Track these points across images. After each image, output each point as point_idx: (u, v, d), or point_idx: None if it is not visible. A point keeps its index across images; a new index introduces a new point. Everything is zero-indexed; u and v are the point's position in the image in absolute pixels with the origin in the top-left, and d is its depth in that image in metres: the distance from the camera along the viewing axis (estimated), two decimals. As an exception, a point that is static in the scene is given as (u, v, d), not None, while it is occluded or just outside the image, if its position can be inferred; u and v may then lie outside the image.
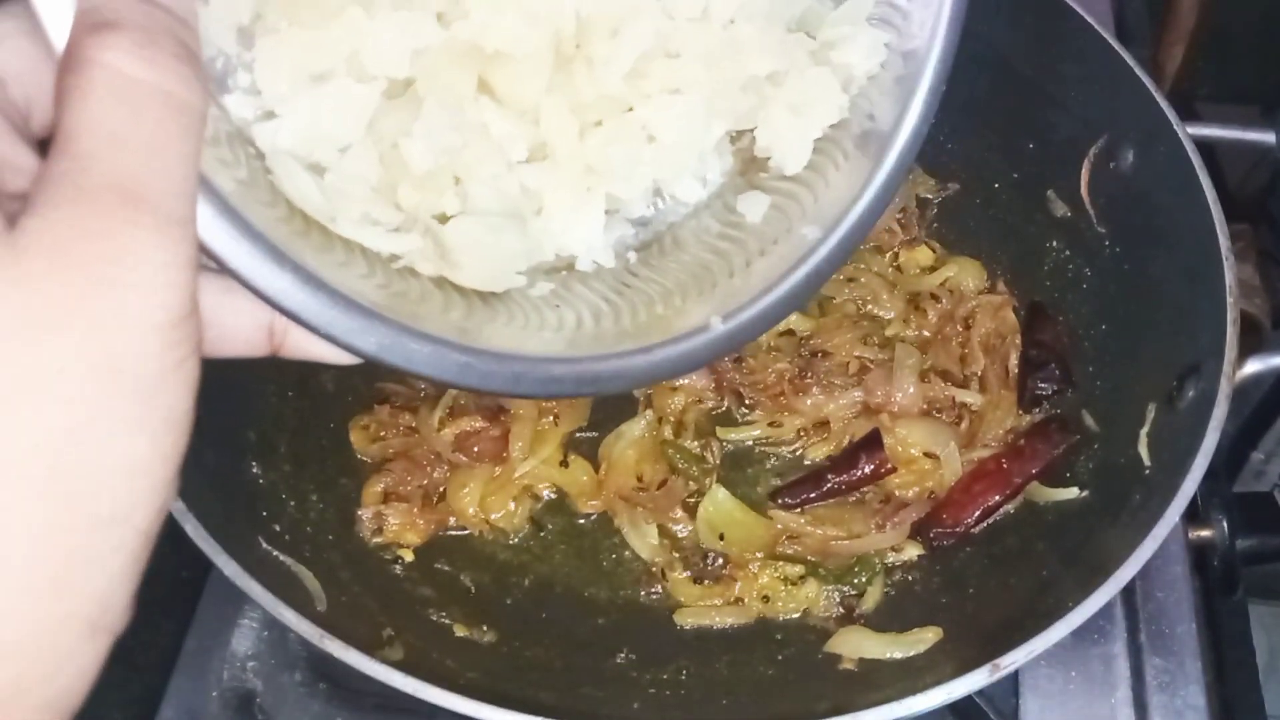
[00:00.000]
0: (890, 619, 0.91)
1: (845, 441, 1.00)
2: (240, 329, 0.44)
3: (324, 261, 0.46)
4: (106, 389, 0.35)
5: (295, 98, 0.47)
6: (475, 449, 0.98)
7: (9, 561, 0.34)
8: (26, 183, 0.38)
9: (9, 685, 0.35)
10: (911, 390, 1.01)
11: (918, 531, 0.96)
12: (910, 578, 0.95)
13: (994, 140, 1.09)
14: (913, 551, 0.96)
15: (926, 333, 1.06)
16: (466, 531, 0.97)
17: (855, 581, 0.94)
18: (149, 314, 0.36)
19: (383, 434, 1.00)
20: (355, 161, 0.49)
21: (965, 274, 1.09)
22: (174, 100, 0.38)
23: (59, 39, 0.39)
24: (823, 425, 1.02)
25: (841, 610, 0.93)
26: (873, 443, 0.98)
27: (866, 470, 0.97)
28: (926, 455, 0.99)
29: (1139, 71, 0.94)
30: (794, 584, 0.94)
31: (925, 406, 1.01)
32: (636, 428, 1.00)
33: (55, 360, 0.34)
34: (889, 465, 0.97)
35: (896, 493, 0.98)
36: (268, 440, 0.92)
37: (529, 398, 0.96)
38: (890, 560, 0.95)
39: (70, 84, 0.37)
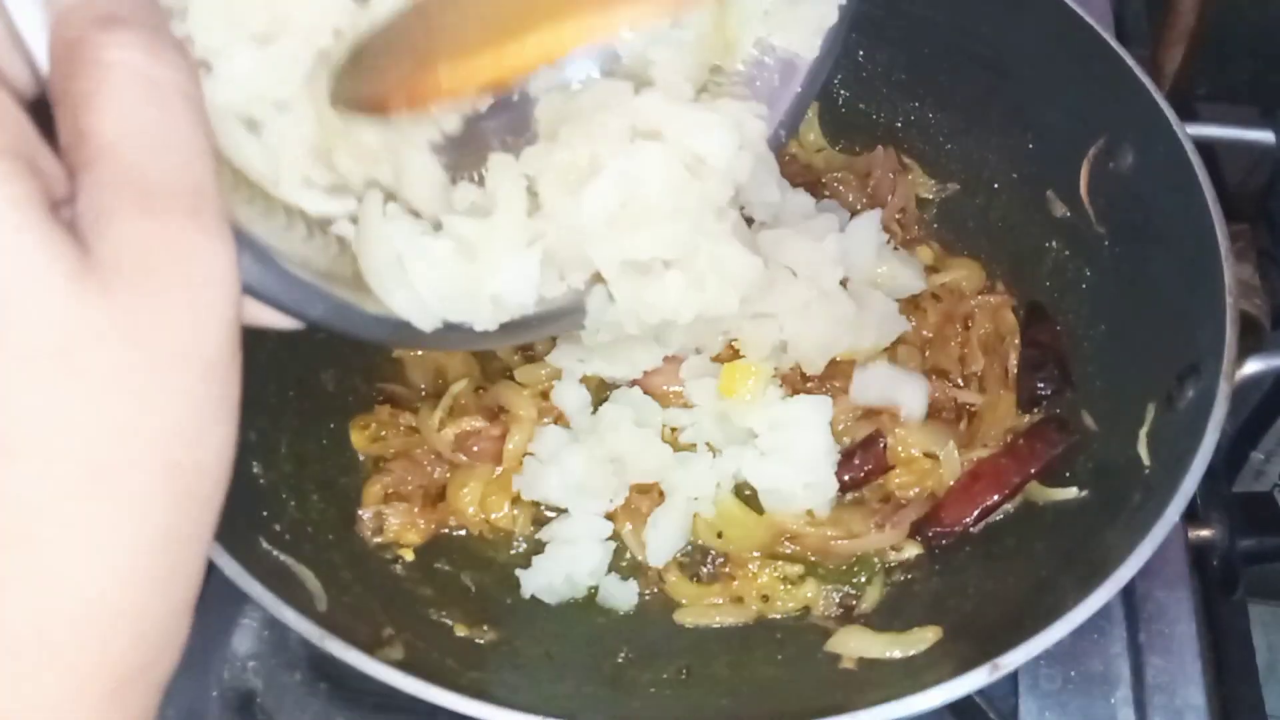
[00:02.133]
0: (890, 618, 0.91)
1: (845, 444, 1.00)
2: None
3: (270, 228, 0.49)
4: (202, 383, 0.38)
5: (231, 49, 0.48)
6: (475, 449, 0.98)
7: (141, 557, 0.37)
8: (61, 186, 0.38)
9: (139, 667, 0.38)
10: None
11: (917, 531, 0.96)
12: (910, 577, 0.95)
13: (994, 140, 1.09)
14: (912, 551, 0.96)
15: (926, 333, 1.06)
16: (466, 531, 0.97)
17: (854, 581, 0.94)
18: (223, 308, 0.39)
19: (383, 434, 1.00)
20: (294, 120, 0.50)
21: (964, 274, 1.09)
22: (192, 96, 0.39)
23: (34, 31, 0.38)
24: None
25: (841, 610, 0.93)
26: (870, 443, 0.98)
27: (865, 470, 0.97)
28: (926, 455, 0.99)
29: (1139, 71, 0.94)
30: (793, 583, 0.94)
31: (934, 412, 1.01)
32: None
33: (158, 364, 0.37)
34: (887, 464, 0.97)
35: (896, 493, 0.98)
36: (268, 440, 0.92)
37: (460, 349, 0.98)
38: (890, 560, 0.95)
39: (87, 87, 0.37)
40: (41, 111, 0.39)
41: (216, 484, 0.39)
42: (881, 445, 0.98)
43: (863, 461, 0.97)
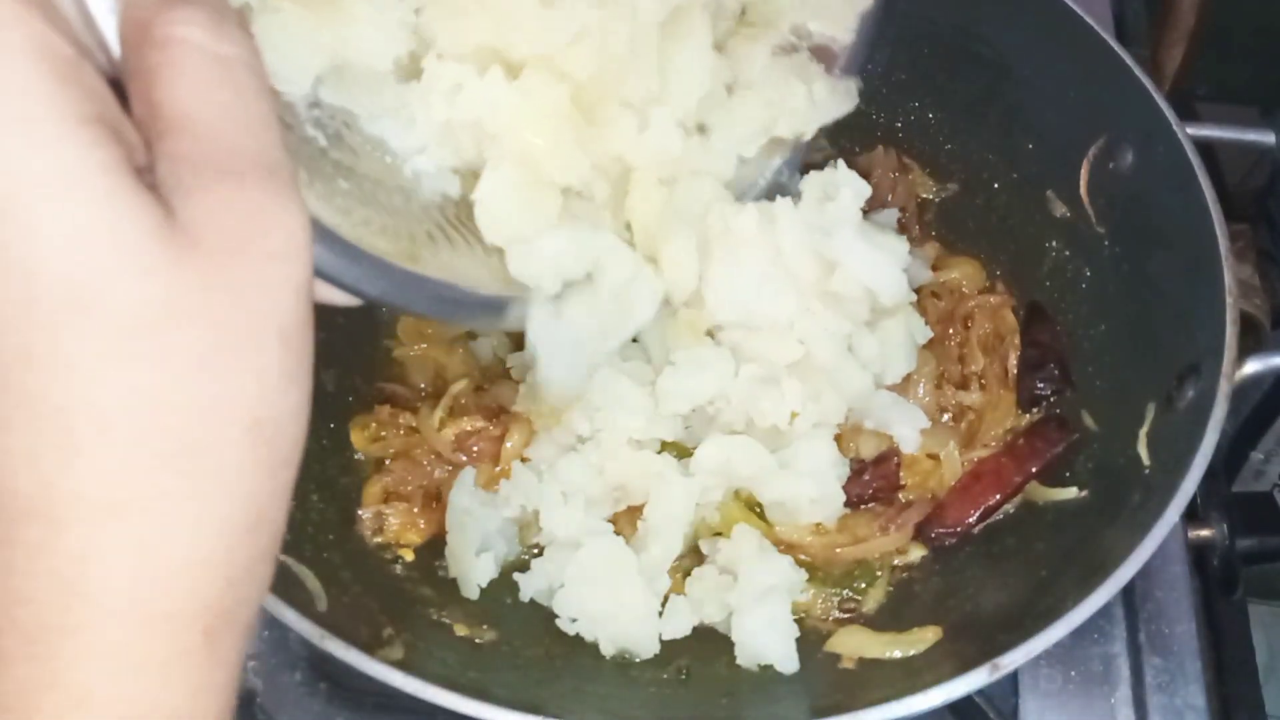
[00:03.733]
0: (890, 619, 0.91)
1: (851, 449, 0.99)
2: None
3: (330, 208, 0.52)
4: (280, 352, 0.40)
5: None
6: (475, 449, 0.98)
7: (230, 518, 0.40)
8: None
9: (228, 611, 0.41)
10: (927, 399, 1.01)
11: (919, 532, 0.96)
12: (910, 578, 0.95)
13: (994, 140, 1.09)
14: (916, 554, 0.96)
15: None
16: (466, 531, 0.97)
17: (854, 586, 0.94)
18: (299, 276, 0.40)
19: (383, 434, 1.00)
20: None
21: (964, 274, 1.09)
22: (255, 67, 0.41)
23: (104, 14, 0.40)
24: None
25: (839, 612, 0.93)
26: (883, 461, 0.97)
27: (874, 487, 0.97)
28: (928, 456, 0.99)
29: (1139, 71, 0.94)
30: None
31: (939, 414, 1.01)
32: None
33: (243, 341, 0.39)
34: (899, 483, 0.97)
35: (899, 495, 0.98)
36: (268, 440, 0.92)
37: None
38: (894, 562, 0.95)
39: (157, 62, 0.39)
40: (115, 93, 0.40)
41: (295, 442, 0.42)
42: (895, 463, 0.97)
43: (873, 478, 0.97)
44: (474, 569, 0.90)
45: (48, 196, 0.35)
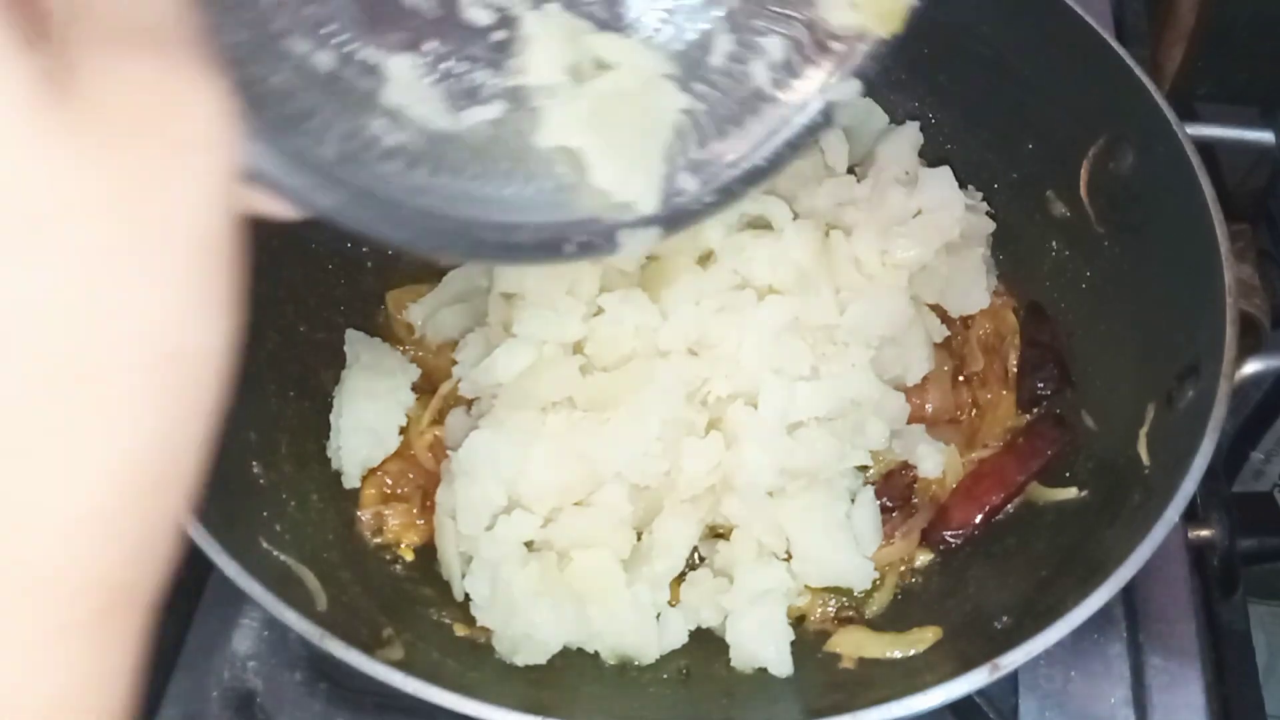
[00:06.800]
0: (890, 619, 0.91)
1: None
2: None
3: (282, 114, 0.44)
4: (197, 263, 0.33)
5: None
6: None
7: (132, 464, 0.33)
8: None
9: (127, 584, 0.34)
10: (946, 399, 1.01)
11: (925, 537, 0.96)
12: (911, 578, 0.95)
13: (994, 140, 1.09)
14: (924, 559, 0.96)
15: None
16: (466, 531, 0.97)
17: (853, 594, 0.93)
18: (216, 171, 0.34)
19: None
20: None
21: (965, 274, 1.09)
22: None
23: None
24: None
25: (840, 614, 0.93)
26: (894, 477, 0.97)
27: (890, 507, 0.97)
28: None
29: (1139, 71, 0.94)
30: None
31: (956, 412, 1.02)
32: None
33: (147, 241, 0.32)
34: (915, 508, 0.97)
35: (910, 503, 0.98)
36: (268, 440, 0.92)
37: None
38: (900, 568, 0.95)
39: None
40: None
41: (212, 385, 0.34)
42: (910, 479, 0.97)
43: (889, 496, 0.96)
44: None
45: None
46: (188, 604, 0.95)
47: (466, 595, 0.89)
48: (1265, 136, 1.07)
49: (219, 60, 0.35)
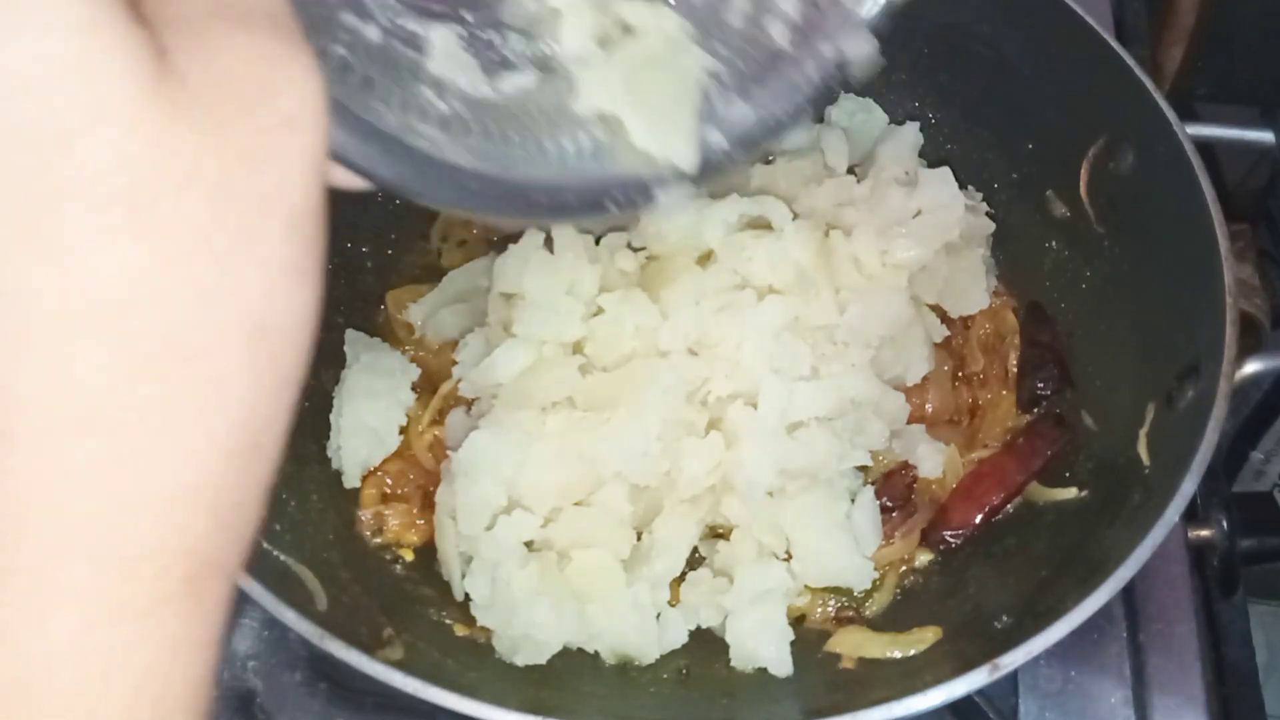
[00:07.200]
0: (890, 619, 0.91)
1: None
2: None
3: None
4: (288, 240, 0.33)
5: None
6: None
7: (224, 439, 0.33)
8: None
9: (214, 553, 0.34)
10: (946, 399, 1.01)
11: (925, 537, 0.96)
12: (911, 578, 0.95)
13: (994, 140, 1.09)
14: (923, 559, 0.96)
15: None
16: (466, 531, 0.97)
17: (853, 594, 0.93)
18: (314, 150, 0.34)
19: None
20: None
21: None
22: None
23: None
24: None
25: (840, 614, 0.93)
26: (894, 476, 0.97)
27: (890, 507, 0.97)
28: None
29: (1139, 71, 0.94)
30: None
31: (955, 412, 1.02)
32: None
33: (250, 209, 0.32)
34: (916, 507, 0.97)
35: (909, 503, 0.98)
36: (268, 440, 0.92)
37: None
38: (901, 568, 0.95)
39: None
40: None
41: (300, 358, 0.35)
42: (910, 479, 0.97)
43: (889, 496, 0.96)
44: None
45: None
46: (188, 604, 0.94)
47: (466, 595, 0.89)
48: (1265, 136, 1.07)
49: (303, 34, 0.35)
